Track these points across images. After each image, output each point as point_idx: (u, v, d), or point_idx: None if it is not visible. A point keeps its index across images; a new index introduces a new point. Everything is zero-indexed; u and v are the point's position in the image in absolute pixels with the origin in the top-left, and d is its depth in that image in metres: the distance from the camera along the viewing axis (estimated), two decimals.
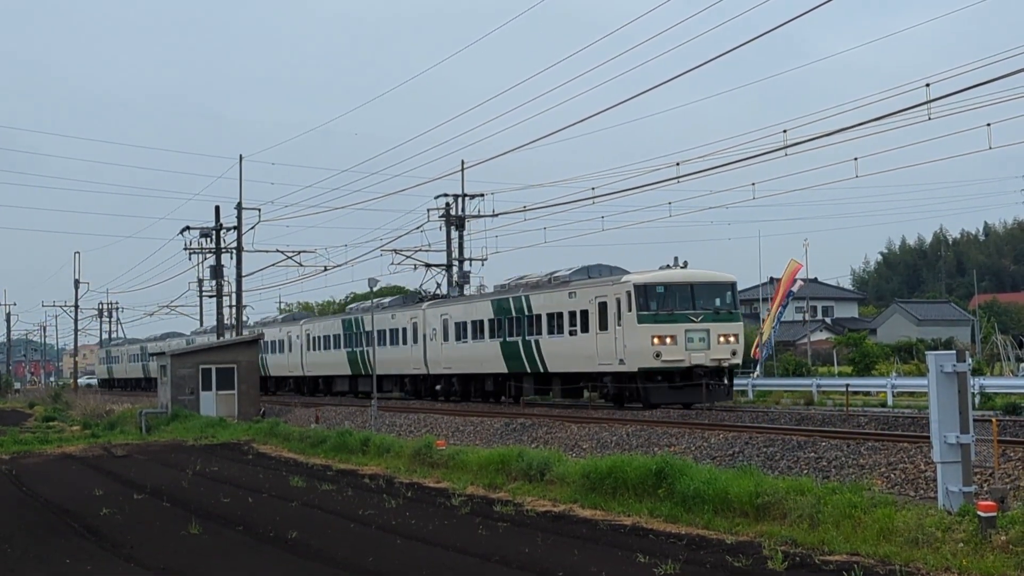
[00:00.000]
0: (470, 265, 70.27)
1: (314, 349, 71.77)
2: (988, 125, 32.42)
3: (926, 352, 17.77)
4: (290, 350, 75.99)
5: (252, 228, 64.66)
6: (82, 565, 16.31)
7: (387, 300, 65.95)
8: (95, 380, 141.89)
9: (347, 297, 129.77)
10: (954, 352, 17.53)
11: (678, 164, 40.50)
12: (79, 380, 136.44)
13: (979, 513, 15.28)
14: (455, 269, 68.88)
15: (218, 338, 65.67)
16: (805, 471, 23.07)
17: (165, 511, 22.76)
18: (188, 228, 66.40)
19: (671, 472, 21.06)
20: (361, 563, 16.09)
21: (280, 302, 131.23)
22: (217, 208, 66.58)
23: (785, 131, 34.00)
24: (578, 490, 22.71)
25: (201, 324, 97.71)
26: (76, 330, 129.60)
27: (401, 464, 30.23)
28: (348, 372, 65.78)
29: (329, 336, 69.30)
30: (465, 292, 66.06)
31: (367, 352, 61.01)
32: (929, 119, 29.55)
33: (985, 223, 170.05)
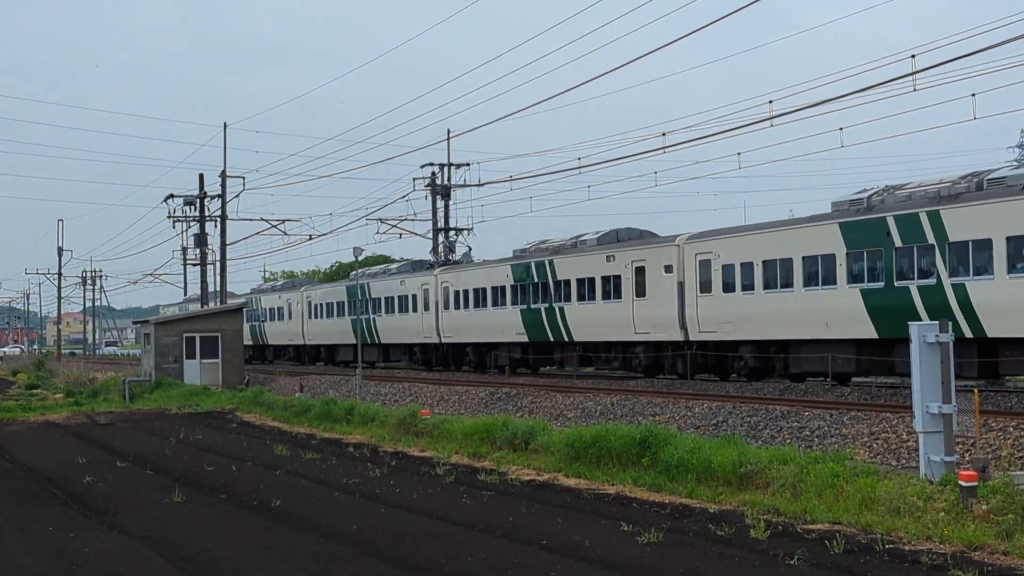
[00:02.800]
0: (455, 234, 70.25)
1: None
2: (973, 95, 32.34)
3: (909, 324, 17.79)
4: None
5: (236, 196, 64.48)
6: (65, 533, 16.28)
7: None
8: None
9: (332, 266, 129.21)
10: (937, 323, 17.57)
11: (664, 135, 40.30)
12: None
13: (960, 483, 15.35)
14: (441, 238, 68.83)
15: (202, 306, 65.52)
16: (788, 441, 23.15)
17: (148, 479, 22.74)
18: (172, 196, 66.10)
19: (655, 441, 21.11)
20: (345, 531, 16.10)
21: (264, 271, 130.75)
22: (201, 176, 66.44)
23: (771, 102, 33.89)
24: (562, 459, 22.75)
25: (185, 292, 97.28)
26: (60, 298, 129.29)
27: (386, 433, 30.23)
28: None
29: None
30: (452, 260, 65.96)
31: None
32: (915, 90, 29.46)
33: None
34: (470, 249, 66.39)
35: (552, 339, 45.83)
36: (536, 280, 46.56)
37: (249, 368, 64.04)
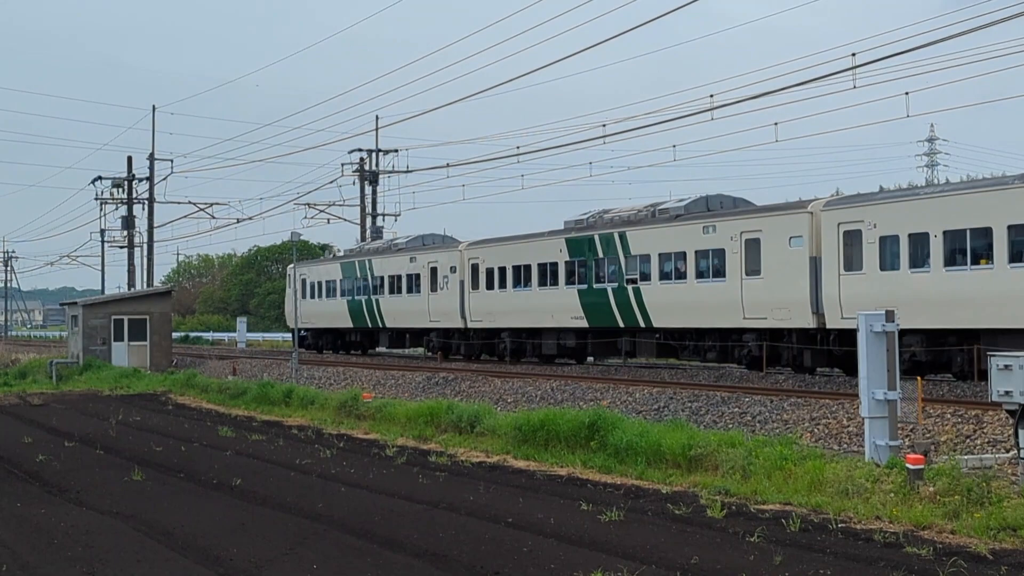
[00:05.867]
0: (383, 220, 70.51)
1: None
2: (907, 94, 33.22)
3: (858, 313, 18.47)
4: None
5: (164, 179, 64.16)
6: (35, 508, 16.45)
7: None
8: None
9: (250, 250, 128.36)
10: (883, 312, 18.25)
11: (604, 125, 40.88)
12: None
13: (907, 465, 16.02)
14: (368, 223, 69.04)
15: (129, 289, 65.11)
16: (731, 425, 23.77)
17: (101, 458, 22.87)
18: (100, 178, 65.64)
19: (604, 425, 21.65)
20: (311, 509, 16.43)
21: (178, 254, 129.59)
22: (129, 159, 66.08)
23: (712, 96, 34.59)
24: (510, 442, 23.21)
25: (103, 275, 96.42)
26: None
27: (327, 416, 30.52)
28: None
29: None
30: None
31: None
32: (855, 88, 30.27)
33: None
34: (394, 233, 66.29)
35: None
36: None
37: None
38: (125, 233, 67.10)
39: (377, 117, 68.68)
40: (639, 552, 13.16)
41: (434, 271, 49.41)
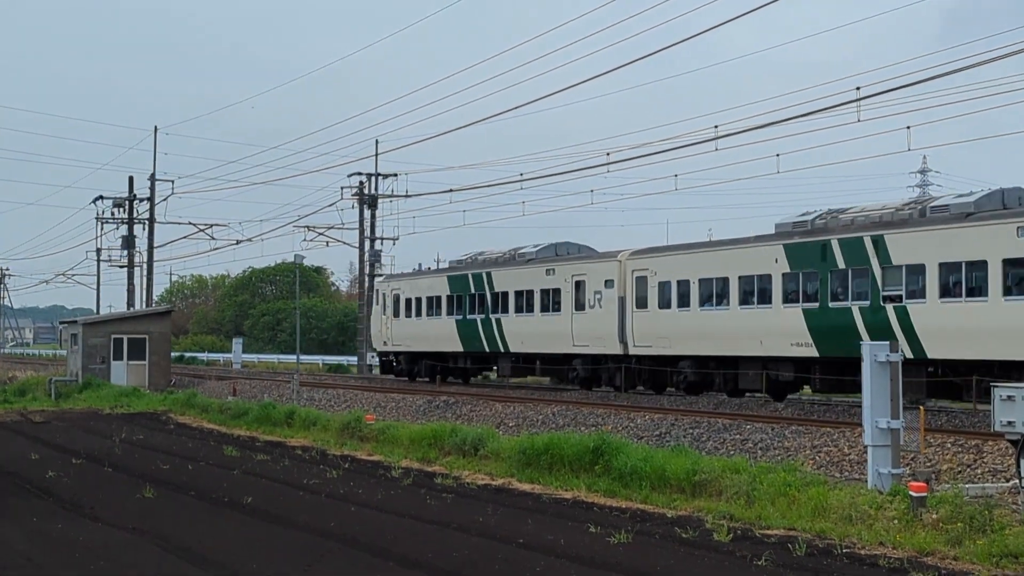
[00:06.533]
0: (381, 244, 70.90)
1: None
2: (908, 128, 33.61)
3: (860, 343, 18.82)
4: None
5: (165, 200, 64.50)
6: (52, 524, 16.71)
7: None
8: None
9: (245, 271, 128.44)
10: (887, 343, 18.59)
11: (608, 153, 41.30)
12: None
13: (911, 493, 16.34)
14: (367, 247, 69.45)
15: (128, 308, 65.38)
16: (732, 452, 24.10)
17: (110, 475, 23.12)
18: (101, 197, 66.02)
19: (608, 450, 21.93)
20: (324, 527, 16.70)
21: (171, 274, 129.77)
22: (131, 179, 66.44)
23: (716, 126, 35.06)
24: (514, 465, 23.47)
25: (98, 293, 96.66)
26: None
27: (330, 437, 30.74)
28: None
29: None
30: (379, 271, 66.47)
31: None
32: (859, 121, 30.68)
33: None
34: (392, 259, 66.80)
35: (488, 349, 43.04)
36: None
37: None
38: (123, 252, 67.44)
39: (377, 141, 69.11)
40: (651, 573, 13.47)
41: (580, 286, 41.53)
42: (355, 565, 13.92)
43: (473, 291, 47.28)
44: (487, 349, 46.51)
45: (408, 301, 51.88)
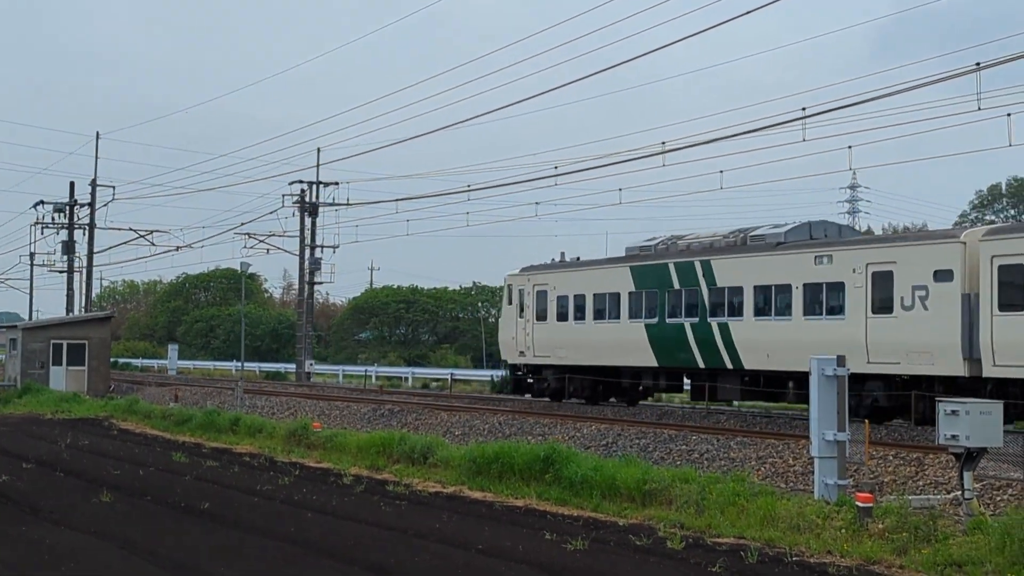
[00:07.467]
0: (322, 252, 71.05)
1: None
2: (849, 148, 34.34)
3: (810, 357, 19.36)
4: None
5: (106, 205, 64.18)
6: (16, 527, 16.81)
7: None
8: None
9: (178, 278, 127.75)
10: (835, 358, 19.14)
11: (556, 167, 41.75)
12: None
13: (857, 503, 16.87)
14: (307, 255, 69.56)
15: (67, 314, 64.98)
16: (679, 462, 24.57)
17: (63, 480, 23.18)
18: (42, 202, 65.56)
19: (558, 459, 22.29)
20: (285, 533, 16.92)
21: (102, 279, 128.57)
22: (72, 184, 66.13)
23: (664, 142, 35.66)
24: (464, 473, 23.78)
25: (31, 298, 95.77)
26: None
27: (276, 444, 30.86)
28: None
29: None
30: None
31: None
32: (804, 141, 31.42)
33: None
34: (333, 267, 66.85)
35: None
36: (680, 286, 34.04)
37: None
38: (60, 257, 67.04)
39: (319, 150, 69.31)
40: None
41: (879, 279, 30.02)
42: (323, 570, 14.18)
43: (677, 286, 36.12)
44: (702, 365, 35.14)
45: (561, 300, 40.89)
